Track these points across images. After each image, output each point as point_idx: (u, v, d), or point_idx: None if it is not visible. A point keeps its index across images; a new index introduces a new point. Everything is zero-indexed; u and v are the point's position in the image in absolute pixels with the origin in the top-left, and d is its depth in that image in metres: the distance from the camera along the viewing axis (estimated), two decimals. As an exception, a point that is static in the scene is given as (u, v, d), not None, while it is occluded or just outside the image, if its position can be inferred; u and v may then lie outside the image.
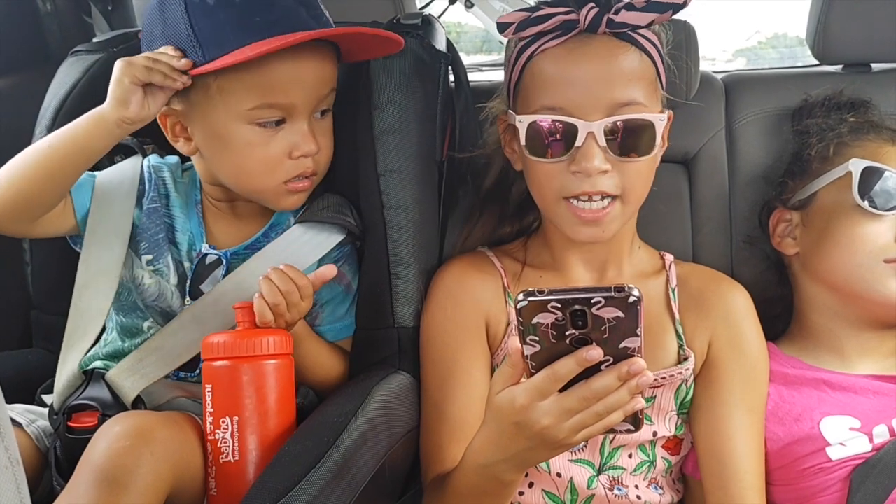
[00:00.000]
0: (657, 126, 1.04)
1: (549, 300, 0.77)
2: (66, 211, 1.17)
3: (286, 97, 1.08)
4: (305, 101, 1.10)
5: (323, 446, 0.94)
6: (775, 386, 1.17)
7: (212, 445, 0.99)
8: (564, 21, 1.03)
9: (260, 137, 1.09)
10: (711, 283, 1.18)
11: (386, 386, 1.09)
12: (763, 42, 4.28)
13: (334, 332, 1.20)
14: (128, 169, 1.22)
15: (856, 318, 1.20)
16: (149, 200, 1.20)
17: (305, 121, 1.11)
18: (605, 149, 1.03)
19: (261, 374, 1.00)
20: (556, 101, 1.04)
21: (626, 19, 1.02)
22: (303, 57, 1.08)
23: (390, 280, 1.18)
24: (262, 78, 1.06)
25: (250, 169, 1.11)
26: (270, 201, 1.16)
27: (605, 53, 1.03)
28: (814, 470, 1.12)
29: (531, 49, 1.06)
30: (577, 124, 1.02)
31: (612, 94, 1.02)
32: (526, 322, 0.79)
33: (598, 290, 0.77)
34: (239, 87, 1.07)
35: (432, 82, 1.25)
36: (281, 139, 1.10)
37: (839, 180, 1.20)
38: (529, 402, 0.83)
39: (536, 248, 1.20)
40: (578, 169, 1.03)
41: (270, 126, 1.09)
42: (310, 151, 1.11)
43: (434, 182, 1.24)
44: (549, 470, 1.11)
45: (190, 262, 1.18)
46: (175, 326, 1.14)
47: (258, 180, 1.12)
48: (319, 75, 1.11)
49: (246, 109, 1.08)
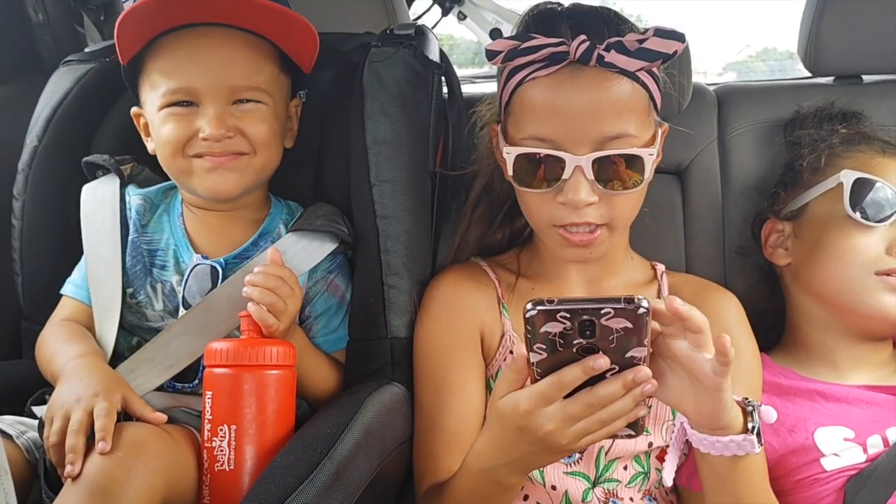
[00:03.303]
0: (646, 160, 1.02)
1: (558, 310, 0.78)
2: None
3: (187, 80, 1.11)
4: (210, 86, 1.11)
5: (316, 458, 0.94)
6: (769, 396, 1.17)
7: (208, 453, 0.99)
8: (553, 53, 1.00)
9: (172, 120, 1.13)
10: (703, 291, 1.18)
11: (379, 397, 1.09)
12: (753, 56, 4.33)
13: (329, 345, 1.20)
14: (107, 201, 1.23)
15: (848, 329, 1.20)
16: (130, 242, 1.21)
17: (214, 106, 1.12)
18: (592, 182, 1.01)
19: (262, 384, 1.00)
20: (544, 132, 1.02)
21: (615, 61, 1.00)
22: (202, 42, 1.12)
23: (383, 290, 1.17)
24: (165, 63, 1.13)
25: (163, 150, 1.15)
26: (192, 182, 1.16)
27: (595, 85, 1.01)
28: (808, 481, 1.11)
29: (520, 75, 1.04)
30: (565, 158, 1.01)
31: (601, 127, 1.00)
32: (533, 330, 0.80)
33: (607, 301, 0.77)
34: (156, 76, 1.14)
35: (425, 93, 1.25)
36: (189, 122, 1.12)
37: (831, 191, 1.20)
38: (534, 407, 0.84)
39: (529, 259, 1.20)
40: (565, 201, 1.03)
41: (181, 109, 1.13)
42: (213, 136, 1.11)
43: (427, 192, 1.24)
44: (543, 482, 1.10)
45: (180, 274, 1.18)
46: (167, 336, 1.14)
47: (168, 161, 1.15)
48: (226, 62, 1.12)
49: (159, 96, 1.13)
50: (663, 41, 0.98)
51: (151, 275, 1.19)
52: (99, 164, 1.26)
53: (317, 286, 1.20)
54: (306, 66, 1.21)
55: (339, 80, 1.31)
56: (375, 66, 1.24)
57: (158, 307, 1.18)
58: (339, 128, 1.27)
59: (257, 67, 1.15)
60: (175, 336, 1.13)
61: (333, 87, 1.32)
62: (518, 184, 1.06)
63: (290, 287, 1.07)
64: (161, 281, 1.19)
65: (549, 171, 1.03)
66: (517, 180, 1.06)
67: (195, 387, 1.14)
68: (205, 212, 1.21)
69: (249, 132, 1.14)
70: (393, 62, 1.23)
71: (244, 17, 1.13)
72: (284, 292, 1.05)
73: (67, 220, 1.28)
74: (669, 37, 0.98)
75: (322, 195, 1.28)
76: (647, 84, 1.04)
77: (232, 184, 1.15)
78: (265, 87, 1.15)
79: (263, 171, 1.18)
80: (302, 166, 1.30)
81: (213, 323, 1.12)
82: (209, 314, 1.13)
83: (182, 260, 1.19)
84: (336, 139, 1.28)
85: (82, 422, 0.94)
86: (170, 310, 1.18)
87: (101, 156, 1.26)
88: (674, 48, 0.99)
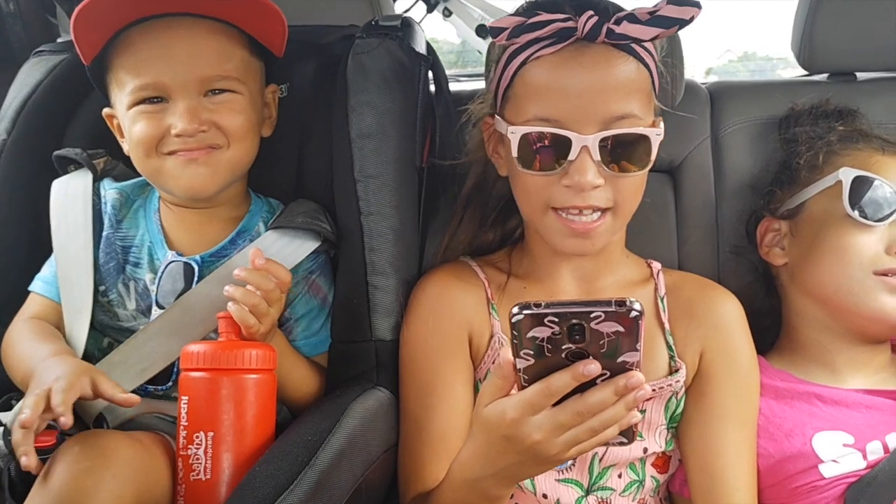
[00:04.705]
0: (653, 140, 1.01)
1: (545, 314, 0.75)
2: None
3: (154, 75, 1.07)
4: (179, 80, 1.08)
5: (297, 466, 0.91)
6: (766, 400, 1.15)
7: (183, 461, 0.97)
8: (561, 29, 0.99)
9: (142, 119, 1.09)
10: (702, 291, 1.16)
11: (363, 403, 1.06)
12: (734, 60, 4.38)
13: (310, 348, 1.18)
14: (79, 196, 1.19)
15: (846, 331, 1.18)
16: (104, 238, 1.17)
17: (185, 99, 1.08)
18: (598, 163, 1.00)
19: (241, 388, 0.98)
20: (549, 112, 1.00)
21: (628, 31, 0.98)
22: (166, 34, 1.08)
23: (368, 291, 1.15)
24: (130, 59, 1.09)
25: (135, 151, 1.11)
26: (168, 182, 1.12)
27: (601, 63, 0.99)
28: (807, 488, 1.09)
29: (524, 55, 1.02)
30: (571, 137, 0.99)
31: (607, 106, 0.99)
32: (520, 335, 0.77)
33: (597, 305, 0.74)
34: (122, 73, 1.10)
35: (412, 85, 1.22)
36: (160, 119, 1.08)
37: (829, 189, 1.18)
38: (521, 415, 0.81)
39: (521, 258, 1.17)
40: (571, 183, 1.00)
41: (151, 106, 1.09)
42: (185, 131, 1.07)
43: (414, 188, 1.21)
44: (534, 491, 1.07)
45: (153, 272, 1.14)
46: (142, 338, 1.10)
47: (143, 162, 1.11)
48: (193, 52, 1.09)
49: (127, 95, 1.09)
50: (678, 8, 0.97)
51: (124, 272, 1.16)
52: (71, 158, 1.22)
53: (298, 287, 1.17)
54: (277, 48, 1.17)
55: (322, 73, 1.28)
56: (360, 58, 1.21)
57: (131, 306, 1.15)
58: (321, 122, 1.24)
59: (226, 55, 1.11)
60: (150, 337, 1.10)
61: (316, 81, 1.29)
62: (522, 165, 1.03)
63: (281, 291, 1.04)
64: (134, 279, 1.15)
65: (554, 152, 1.00)
66: (520, 161, 1.03)
67: (168, 389, 1.11)
68: (182, 209, 1.18)
69: (224, 124, 1.10)
70: (378, 54, 1.21)
71: (206, 5, 1.09)
72: (274, 296, 1.03)
73: (38, 216, 1.24)
74: (684, 3, 0.97)
75: (304, 192, 1.25)
76: (649, 66, 1.03)
77: (207, 180, 1.11)
78: (236, 75, 1.12)
79: (240, 164, 1.15)
80: (283, 162, 1.27)
81: (189, 324, 1.09)
82: (186, 314, 1.10)
83: (156, 257, 1.16)
84: (318, 134, 1.25)
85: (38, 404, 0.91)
86: (142, 309, 1.14)
87: (73, 149, 1.22)
88: (690, 14, 0.97)
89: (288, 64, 1.23)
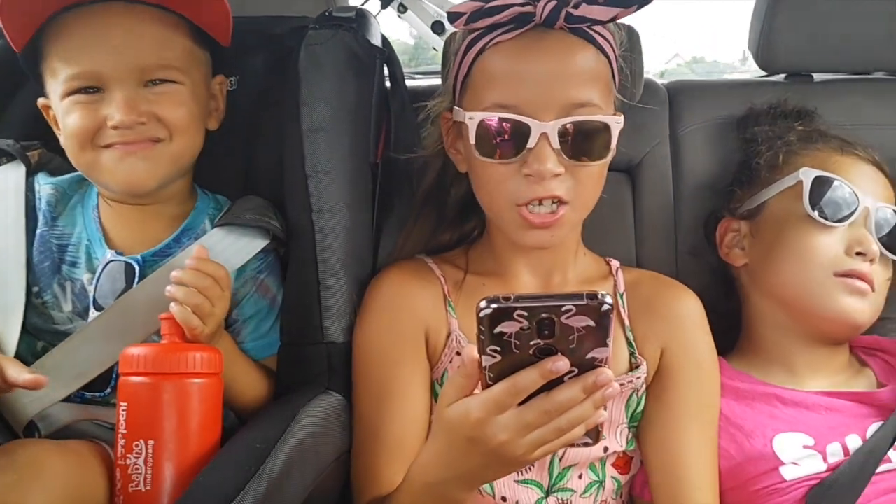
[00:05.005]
0: (613, 129, 1.00)
1: (514, 307, 0.73)
2: None
3: (89, 63, 1.03)
4: (116, 69, 1.03)
5: (244, 476, 0.88)
6: (726, 401, 1.14)
7: (121, 472, 0.92)
8: (519, 14, 0.98)
9: (77, 109, 1.04)
10: (662, 288, 1.15)
11: (314, 408, 1.03)
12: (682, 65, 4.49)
13: (258, 350, 1.14)
14: (11, 191, 1.13)
15: (805, 333, 1.18)
16: (38, 236, 1.12)
17: (122, 90, 1.03)
18: (558, 151, 0.98)
19: (184, 393, 0.94)
20: (507, 99, 0.99)
21: (587, 13, 0.97)
22: (102, 20, 1.03)
23: (319, 291, 1.11)
24: (63, 46, 1.04)
25: (69, 144, 1.06)
26: (104, 177, 1.07)
27: (561, 50, 0.99)
28: (767, 491, 1.08)
29: (482, 42, 1.01)
30: (530, 124, 0.97)
31: (567, 93, 0.98)
32: (487, 330, 0.74)
33: (569, 298, 0.73)
34: (55, 62, 1.05)
35: (367, 78, 1.20)
36: (95, 109, 1.04)
37: (789, 189, 1.19)
38: (486, 415, 0.79)
39: (479, 255, 1.15)
40: (530, 172, 0.99)
41: (86, 97, 1.04)
42: (123, 123, 1.03)
43: (367, 185, 1.18)
44: (493, 493, 1.05)
45: (91, 272, 1.09)
46: (77, 341, 1.05)
47: (77, 155, 1.07)
48: (131, 39, 1.04)
49: (60, 84, 1.04)
50: None
51: (60, 272, 1.10)
52: (2, 149, 1.16)
53: (245, 287, 1.13)
54: (223, 37, 1.13)
55: (272, 65, 1.24)
56: (313, 49, 1.18)
57: (67, 308, 1.09)
58: (271, 115, 1.20)
59: (167, 43, 1.06)
60: (86, 340, 1.05)
61: (266, 73, 1.25)
62: (480, 153, 1.01)
63: (222, 289, 1.01)
64: (71, 279, 1.10)
65: (513, 140, 0.99)
66: (479, 149, 1.01)
67: (106, 396, 1.06)
68: (122, 205, 1.13)
69: (165, 116, 1.05)
70: (332, 45, 1.18)
71: None
72: (214, 294, 0.99)
73: (-34, 213, 1.17)
74: None
75: (253, 188, 1.21)
76: (609, 56, 1.02)
77: (146, 174, 1.06)
78: (178, 65, 1.07)
79: (182, 157, 1.10)
80: (231, 157, 1.23)
81: (129, 326, 1.04)
82: (125, 316, 1.05)
83: (95, 256, 1.10)
84: (269, 128, 1.21)
85: None
86: (79, 311, 1.09)
87: (5, 140, 1.16)
88: None
89: (237, 55, 1.19)
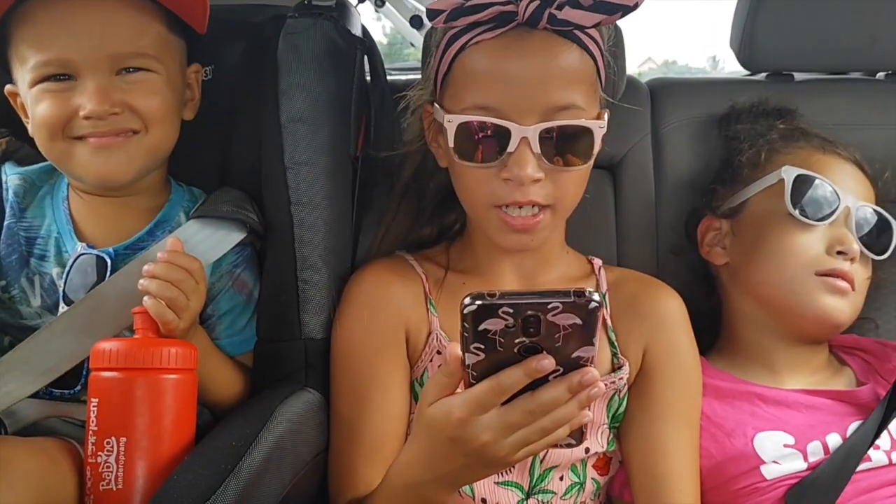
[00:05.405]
0: (595, 133, 0.98)
1: (500, 304, 0.71)
2: None
3: (59, 50, 1.00)
4: (88, 56, 1.00)
5: (219, 474, 0.87)
6: (707, 400, 1.14)
7: (92, 470, 0.90)
8: (501, 13, 0.96)
9: (46, 98, 1.01)
10: (645, 287, 1.14)
11: (291, 405, 1.02)
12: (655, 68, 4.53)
13: (234, 346, 1.12)
14: None
15: (785, 331, 1.18)
16: (5, 228, 1.09)
17: (95, 78, 1.01)
18: (538, 156, 0.96)
19: (158, 389, 0.93)
20: (488, 101, 0.97)
21: (571, 17, 0.95)
22: (73, 5, 1.01)
23: (297, 286, 1.10)
24: (32, 31, 1.01)
25: (39, 134, 1.04)
26: (76, 169, 1.05)
27: (544, 51, 0.96)
28: (748, 490, 1.08)
29: (463, 39, 0.98)
30: (510, 128, 0.95)
31: (549, 96, 0.96)
32: (471, 328, 0.72)
33: (555, 295, 0.71)
34: (24, 47, 1.02)
35: (347, 69, 1.17)
36: (66, 98, 1.01)
37: (771, 188, 1.19)
38: (468, 415, 0.77)
39: (460, 253, 1.14)
40: (510, 176, 0.97)
41: (57, 84, 1.01)
42: (95, 113, 1.00)
43: (347, 178, 1.17)
44: (473, 495, 1.04)
45: (61, 266, 1.07)
46: (46, 336, 1.03)
47: (47, 146, 1.04)
48: (104, 26, 1.01)
49: (29, 71, 1.01)
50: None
51: (28, 266, 1.08)
52: None
53: (221, 281, 1.11)
54: (199, 24, 1.10)
55: (250, 55, 1.22)
56: (292, 38, 1.15)
57: (35, 303, 1.06)
58: (249, 106, 1.18)
59: (140, 29, 1.04)
60: (55, 335, 1.02)
61: (243, 62, 1.22)
62: (459, 157, 0.99)
63: (196, 281, 0.98)
64: (39, 273, 1.07)
65: (493, 144, 0.97)
66: (458, 152, 0.99)
67: (77, 393, 1.04)
68: (94, 197, 1.10)
69: (139, 106, 1.03)
70: (312, 34, 1.15)
71: None
72: (188, 287, 0.97)
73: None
74: None
75: (229, 180, 1.18)
76: (594, 55, 1.00)
77: (121, 167, 1.04)
78: (152, 53, 1.04)
79: (158, 149, 1.07)
80: (207, 149, 1.20)
81: (100, 320, 1.02)
82: (97, 310, 1.02)
83: (64, 250, 1.08)
84: (246, 118, 1.18)
85: None
86: (48, 306, 1.06)
87: None
88: (633, 0, 0.94)
89: (214, 44, 1.17)
